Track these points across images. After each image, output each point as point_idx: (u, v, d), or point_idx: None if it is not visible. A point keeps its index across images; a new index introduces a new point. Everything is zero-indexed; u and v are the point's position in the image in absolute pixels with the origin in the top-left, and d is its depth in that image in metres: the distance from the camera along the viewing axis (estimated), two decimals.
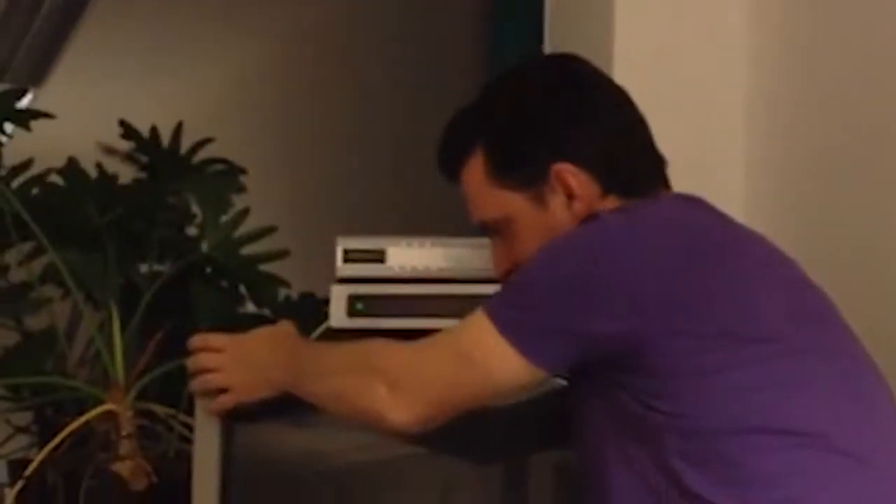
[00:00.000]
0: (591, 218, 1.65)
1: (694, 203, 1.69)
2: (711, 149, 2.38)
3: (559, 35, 2.54)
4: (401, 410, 1.64)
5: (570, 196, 1.70)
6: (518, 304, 1.60)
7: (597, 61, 1.81)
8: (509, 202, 1.72)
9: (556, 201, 1.70)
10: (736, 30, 2.39)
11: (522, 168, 1.72)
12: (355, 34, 3.79)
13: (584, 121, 1.72)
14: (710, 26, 2.40)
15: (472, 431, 1.85)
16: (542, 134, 1.72)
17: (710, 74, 2.38)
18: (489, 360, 1.60)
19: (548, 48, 2.54)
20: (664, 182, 1.76)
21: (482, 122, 1.76)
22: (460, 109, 1.80)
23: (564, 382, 1.71)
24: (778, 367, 1.54)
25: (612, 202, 1.70)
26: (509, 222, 1.73)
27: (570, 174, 1.69)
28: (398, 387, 1.64)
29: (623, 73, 2.23)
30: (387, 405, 1.64)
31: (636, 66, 2.31)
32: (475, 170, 1.75)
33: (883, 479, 1.54)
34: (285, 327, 1.86)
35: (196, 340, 1.86)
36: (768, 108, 2.35)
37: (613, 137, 1.73)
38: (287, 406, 1.90)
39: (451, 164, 1.79)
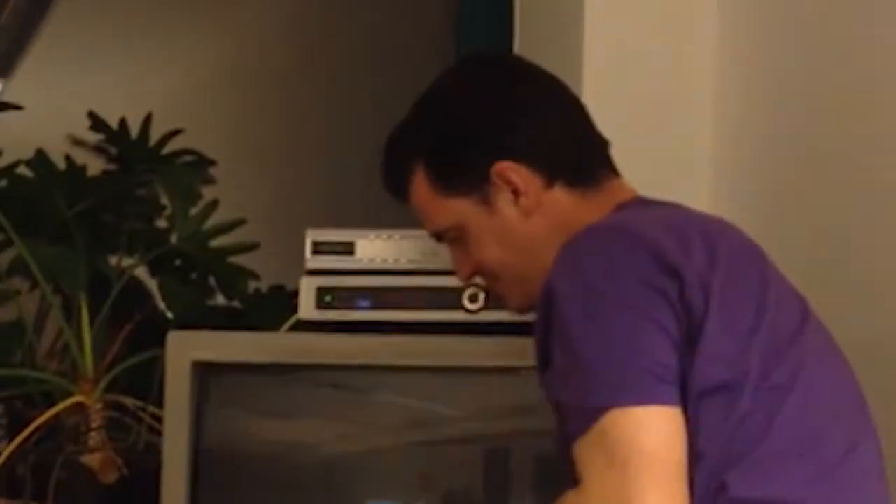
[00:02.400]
0: (567, 247, 1.57)
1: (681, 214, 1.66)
2: (679, 149, 2.38)
3: (529, 34, 2.54)
4: None
5: (516, 192, 1.69)
6: (597, 373, 1.47)
7: (566, 58, 1.81)
8: (457, 209, 1.72)
9: (503, 200, 1.69)
10: (705, 30, 2.40)
11: (463, 174, 1.71)
12: (328, 29, 3.79)
13: (515, 115, 1.71)
14: (680, 24, 2.40)
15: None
16: (475, 136, 1.71)
17: (679, 73, 2.39)
18: (646, 440, 1.44)
19: (517, 47, 2.54)
20: (609, 165, 1.75)
21: (416, 139, 1.76)
22: (392, 132, 1.79)
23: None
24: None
25: (559, 192, 1.69)
26: (461, 228, 1.73)
27: (511, 171, 1.68)
28: None
29: (593, 72, 2.24)
30: None
31: (605, 65, 2.32)
32: (419, 186, 1.74)
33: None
34: None
35: None
36: (737, 109, 2.36)
37: (548, 126, 1.71)
38: (256, 396, 1.90)
39: (396, 187, 1.79)
